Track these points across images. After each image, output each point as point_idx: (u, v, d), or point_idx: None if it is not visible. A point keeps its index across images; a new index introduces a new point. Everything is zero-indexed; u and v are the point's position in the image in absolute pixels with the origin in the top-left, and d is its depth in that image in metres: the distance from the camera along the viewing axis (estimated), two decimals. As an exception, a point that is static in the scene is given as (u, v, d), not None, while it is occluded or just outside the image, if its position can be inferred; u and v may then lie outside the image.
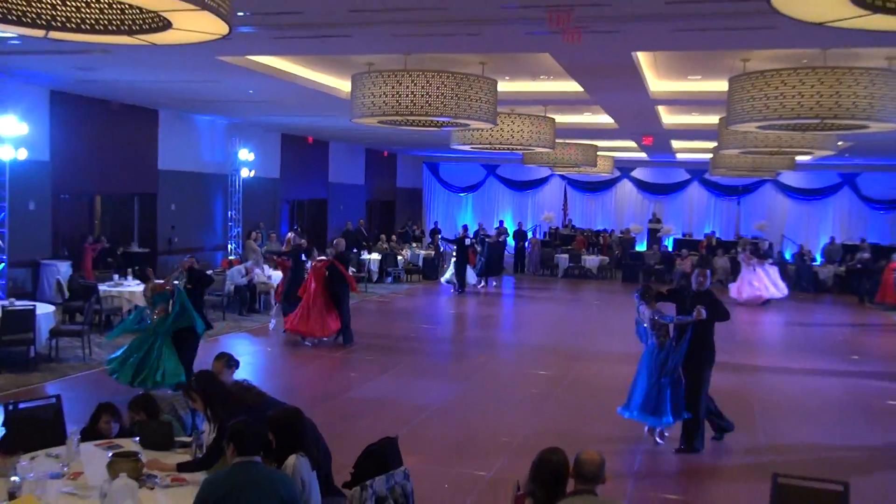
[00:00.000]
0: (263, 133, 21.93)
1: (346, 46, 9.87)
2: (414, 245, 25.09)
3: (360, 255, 21.09)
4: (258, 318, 14.95)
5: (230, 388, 5.34)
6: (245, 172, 20.47)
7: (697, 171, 28.51)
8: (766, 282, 19.11)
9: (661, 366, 7.71)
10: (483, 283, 21.14)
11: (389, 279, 21.74)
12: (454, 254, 20.33)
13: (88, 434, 5.49)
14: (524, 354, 12.92)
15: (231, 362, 6.07)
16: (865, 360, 12.96)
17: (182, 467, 4.67)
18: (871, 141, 16.81)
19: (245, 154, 20.30)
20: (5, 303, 10.85)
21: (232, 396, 5.10)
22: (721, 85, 10.69)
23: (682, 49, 9.89)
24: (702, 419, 7.86)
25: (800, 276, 22.72)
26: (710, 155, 19.67)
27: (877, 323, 17.57)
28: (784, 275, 20.57)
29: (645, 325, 7.90)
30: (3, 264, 13.54)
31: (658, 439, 8.00)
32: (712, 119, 14.67)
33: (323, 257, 13.16)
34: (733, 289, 19.33)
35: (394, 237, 24.73)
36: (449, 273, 20.48)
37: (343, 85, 13.41)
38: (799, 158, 17.20)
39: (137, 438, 5.21)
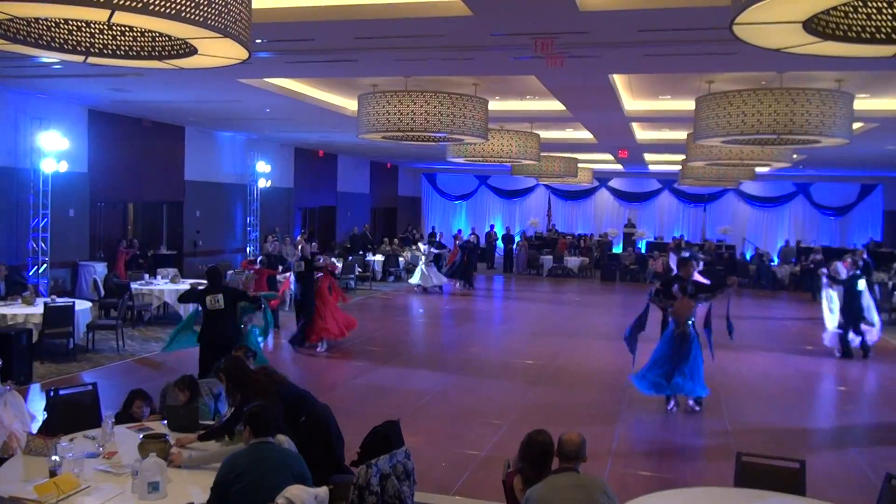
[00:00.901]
0: (279, 147, 21.90)
1: (352, 70, 9.87)
2: (414, 247, 25.06)
3: (366, 257, 21.09)
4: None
5: (254, 373, 5.34)
6: (262, 182, 20.44)
7: (668, 181, 28.54)
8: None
9: (690, 346, 8.26)
10: (457, 284, 20.43)
11: (391, 278, 21.74)
12: (431, 258, 19.50)
13: (122, 418, 5.49)
14: (513, 345, 12.91)
15: (248, 353, 6.07)
16: (818, 351, 12.97)
17: (203, 437, 4.69)
18: (823, 154, 16.84)
19: (262, 166, 20.27)
20: (48, 300, 10.82)
21: (254, 380, 5.11)
22: (689, 104, 10.71)
23: (653, 72, 9.90)
24: None
25: (759, 275, 22.78)
26: (679, 166, 19.71)
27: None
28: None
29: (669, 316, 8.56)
30: (45, 265, 13.51)
31: (696, 406, 8.65)
32: (681, 134, 14.70)
33: (332, 259, 12.86)
34: None
35: (396, 240, 24.70)
36: (418, 275, 19.20)
37: (350, 104, 13.41)
38: (758, 170, 17.27)
39: (165, 421, 5.21)
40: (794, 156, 15.14)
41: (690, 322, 8.32)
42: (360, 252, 21.81)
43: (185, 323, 8.89)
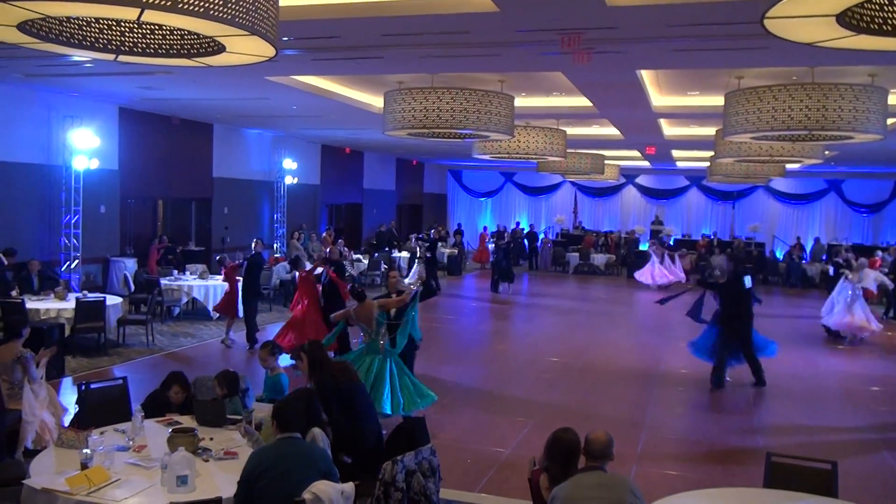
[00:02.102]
0: (305, 144, 22.02)
1: (378, 67, 9.88)
2: (439, 244, 25.07)
3: (391, 254, 21.13)
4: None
5: (332, 361, 5.70)
6: (289, 179, 20.58)
7: (696, 178, 28.22)
8: (666, 270, 20.88)
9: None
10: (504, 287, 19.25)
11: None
12: (425, 256, 17.88)
13: (157, 397, 5.56)
14: (538, 343, 12.87)
15: (275, 350, 6.11)
16: (850, 350, 12.77)
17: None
18: (855, 150, 16.55)
19: (289, 163, 20.40)
20: (79, 295, 10.98)
21: (328, 367, 5.46)
22: (718, 100, 10.57)
23: (682, 67, 9.79)
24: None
25: (789, 273, 22.45)
26: (708, 163, 19.46)
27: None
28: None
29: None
30: (77, 261, 13.72)
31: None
32: (709, 130, 14.52)
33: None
34: (642, 274, 21.07)
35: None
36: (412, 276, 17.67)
37: (376, 101, 13.43)
38: (789, 166, 17.00)
39: (193, 416, 5.26)
40: (826, 152, 14.90)
41: None
42: (386, 249, 21.87)
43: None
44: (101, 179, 14.34)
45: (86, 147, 13.47)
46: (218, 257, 14.59)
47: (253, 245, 12.75)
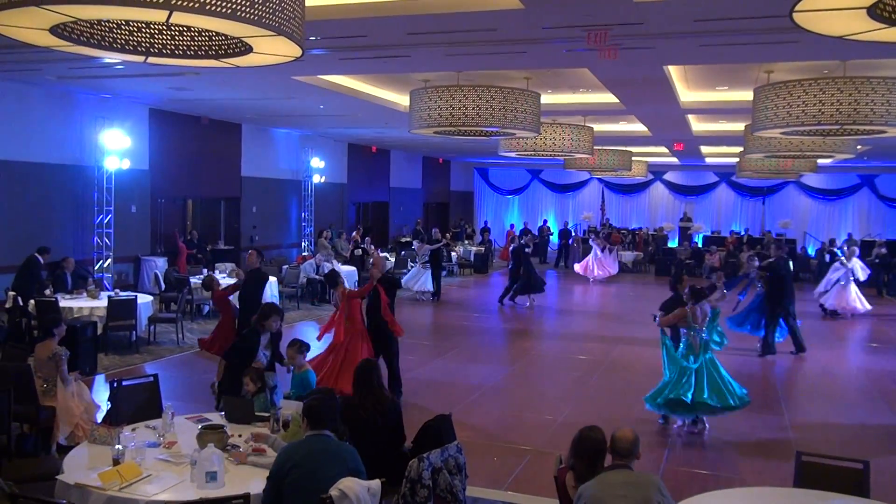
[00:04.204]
0: (332, 143, 22.15)
1: (404, 66, 9.92)
2: (466, 242, 25.09)
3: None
4: (328, 307, 15.06)
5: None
6: (316, 178, 20.72)
7: (725, 174, 27.90)
8: (598, 264, 21.24)
9: None
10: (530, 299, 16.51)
11: (444, 273, 21.75)
12: (426, 258, 16.66)
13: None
14: (566, 340, 12.81)
15: (303, 347, 6.16)
16: (884, 348, 12.54)
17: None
18: (889, 144, 16.24)
19: (316, 162, 20.53)
20: (111, 293, 11.15)
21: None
22: (747, 95, 10.44)
23: (709, 62, 9.68)
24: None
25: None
26: (737, 159, 19.24)
27: (894, 314, 16.98)
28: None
29: None
30: (109, 259, 13.95)
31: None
32: (738, 126, 14.35)
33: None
34: (581, 266, 21.52)
35: (448, 235, 24.73)
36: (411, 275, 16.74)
37: (402, 100, 13.47)
38: (820, 161, 16.73)
39: (223, 413, 5.32)
40: (859, 147, 14.64)
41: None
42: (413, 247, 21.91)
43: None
44: (133, 179, 14.56)
45: (117, 148, 13.69)
46: (202, 278, 11.81)
47: (248, 258, 9.78)
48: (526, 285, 15.95)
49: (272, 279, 14.28)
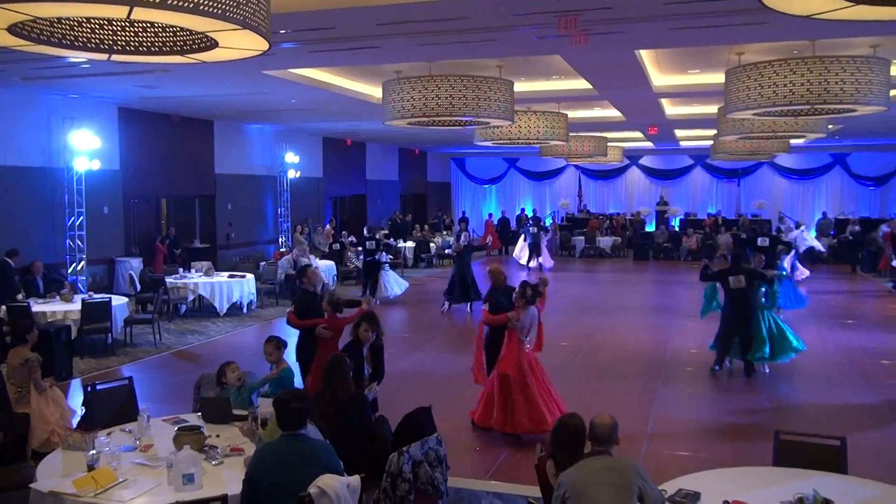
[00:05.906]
0: (307, 137, 22.00)
1: (375, 57, 9.83)
2: (444, 233, 25.07)
3: (397, 244, 21.12)
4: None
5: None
6: (292, 173, 20.57)
7: (700, 157, 28.09)
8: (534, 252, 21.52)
9: None
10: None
11: (423, 264, 21.77)
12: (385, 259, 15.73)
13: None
14: (547, 327, 12.76)
15: (280, 344, 6.09)
16: (859, 324, 12.71)
17: None
18: (859, 123, 16.41)
19: (291, 157, 20.39)
20: (85, 296, 11.01)
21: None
22: (718, 77, 10.49)
23: (680, 46, 9.70)
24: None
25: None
26: (711, 141, 19.36)
27: (869, 290, 17.23)
28: None
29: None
30: (82, 262, 13.76)
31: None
32: (712, 108, 14.44)
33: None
34: (517, 252, 21.85)
35: (426, 227, 24.70)
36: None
37: (375, 91, 13.39)
38: (793, 142, 16.89)
39: (199, 413, 5.27)
40: (830, 126, 14.78)
41: None
42: (392, 239, 21.87)
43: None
44: (104, 180, 14.35)
45: (87, 148, 13.47)
46: (325, 294, 8.11)
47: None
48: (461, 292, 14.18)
49: (249, 276, 14.24)
